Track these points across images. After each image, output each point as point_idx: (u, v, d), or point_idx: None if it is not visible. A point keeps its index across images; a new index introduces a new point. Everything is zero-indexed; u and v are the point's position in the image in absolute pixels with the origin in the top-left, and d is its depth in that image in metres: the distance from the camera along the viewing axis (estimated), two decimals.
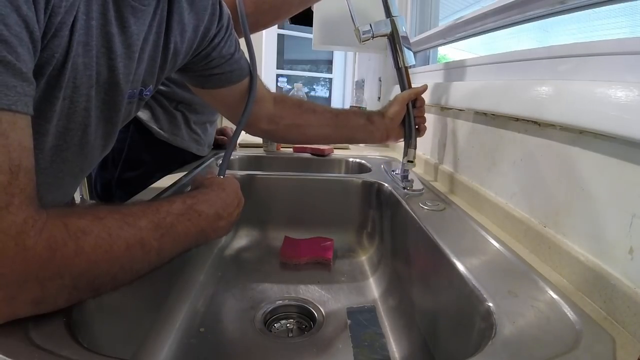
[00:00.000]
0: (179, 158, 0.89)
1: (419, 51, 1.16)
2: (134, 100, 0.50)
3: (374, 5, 0.79)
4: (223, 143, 1.09)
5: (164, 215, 0.36)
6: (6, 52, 0.26)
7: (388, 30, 0.71)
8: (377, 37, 0.72)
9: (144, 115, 0.83)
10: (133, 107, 0.51)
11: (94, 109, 0.43)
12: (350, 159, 1.05)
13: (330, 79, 2.82)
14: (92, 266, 0.29)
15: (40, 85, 0.34)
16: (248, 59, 0.63)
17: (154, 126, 0.84)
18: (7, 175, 0.26)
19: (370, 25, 0.71)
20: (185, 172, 0.80)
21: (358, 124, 0.73)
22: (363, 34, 0.71)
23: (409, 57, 0.72)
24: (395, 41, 0.72)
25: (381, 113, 0.74)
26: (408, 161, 0.74)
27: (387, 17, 0.72)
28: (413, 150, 0.73)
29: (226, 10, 0.57)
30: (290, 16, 0.84)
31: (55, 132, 0.40)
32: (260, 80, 0.66)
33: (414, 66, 0.89)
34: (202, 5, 0.51)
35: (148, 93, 0.52)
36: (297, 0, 0.77)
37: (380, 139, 0.75)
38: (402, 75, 0.73)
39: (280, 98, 0.72)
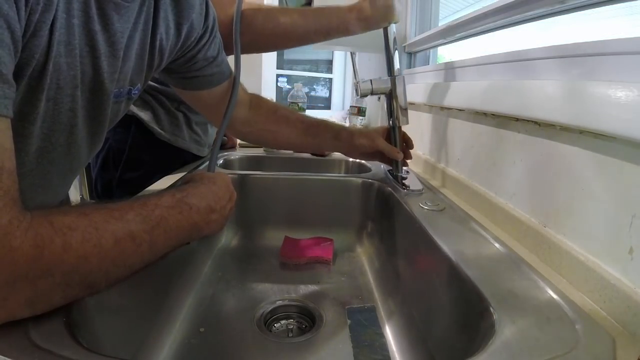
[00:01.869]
0: (180, 159, 0.89)
1: (419, 51, 1.16)
2: (122, 100, 0.49)
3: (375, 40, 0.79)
4: (223, 143, 1.09)
5: (152, 208, 0.36)
6: None
7: (388, 88, 0.73)
8: (376, 93, 0.74)
9: (145, 115, 0.83)
10: (121, 106, 0.51)
11: (80, 109, 0.42)
12: (350, 159, 1.05)
13: (330, 79, 2.82)
14: (82, 261, 0.29)
15: (21, 87, 0.33)
16: (234, 63, 0.62)
17: (155, 127, 0.84)
18: None
19: (371, 81, 0.73)
20: (185, 173, 0.80)
21: (325, 138, 0.76)
22: (362, 89, 0.73)
23: (404, 119, 0.73)
24: (393, 100, 0.73)
25: (352, 135, 0.76)
26: (397, 174, 0.76)
27: (388, 75, 0.73)
28: (402, 167, 0.76)
29: (212, 11, 0.56)
30: (285, 49, 0.85)
31: (40, 133, 0.39)
32: (240, 83, 0.67)
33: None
34: (188, 3, 0.50)
35: (136, 92, 0.51)
36: (296, 37, 0.76)
37: (346, 154, 0.79)
38: (396, 134, 0.74)
39: (256, 102, 0.73)
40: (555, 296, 0.36)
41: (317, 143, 0.78)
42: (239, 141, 1.15)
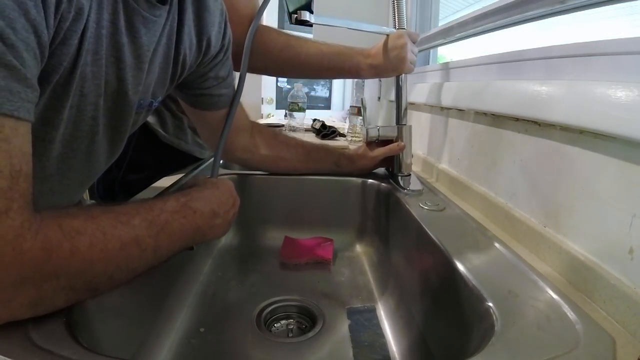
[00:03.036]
0: (183, 161, 0.90)
1: (419, 51, 1.16)
2: (142, 111, 0.50)
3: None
4: None
5: (157, 213, 0.36)
6: (12, 57, 0.25)
7: (394, 135, 0.75)
8: (382, 140, 0.76)
9: (150, 118, 0.83)
10: (140, 117, 0.51)
11: (101, 118, 0.42)
12: None
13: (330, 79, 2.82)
14: (88, 266, 0.29)
15: (47, 92, 0.34)
16: (236, 83, 0.62)
17: (159, 130, 0.84)
18: (8, 181, 0.25)
19: (378, 128, 0.74)
20: (184, 174, 0.80)
21: (326, 165, 0.78)
22: (370, 135, 0.74)
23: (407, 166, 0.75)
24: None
25: (352, 160, 0.78)
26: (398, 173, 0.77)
27: (396, 123, 0.75)
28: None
29: (229, 32, 0.57)
30: (295, 78, 0.85)
31: (62, 139, 0.40)
32: (243, 109, 0.67)
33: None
34: (210, 20, 0.51)
35: (156, 104, 0.52)
36: (310, 70, 0.76)
37: (346, 175, 0.81)
38: (397, 179, 0.75)
39: (258, 129, 0.73)
40: (555, 296, 0.36)
41: (318, 168, 0.79)
42: None
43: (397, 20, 0.73)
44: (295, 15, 0.65)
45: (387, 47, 0.73)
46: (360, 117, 1.35)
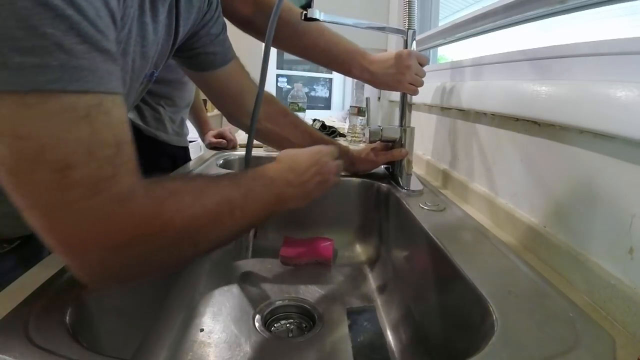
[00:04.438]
0: (166, 152, 0.93)
1: (420, 51, 1.16)
2: (144, 82, 0.51)
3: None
4: (221, 146, 1.11)
5: (240, 178, 0.40)
6: (105, 43, 0.28)
7: (397, 136, 0.75)
8: (385, 140, 0.76)
9: (130, 114, 0.85)
10: (142, 88, 0.53)
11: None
12: None
13: (330, 79, 2.83)
14: (192, 220, 0.32)
15: None
16: (262, 55, 0.62)
17: (140, 123, 0.88)
18: (113, 149, 0.28)
19: (381, 128, 0.74)
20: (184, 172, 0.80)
21: None
22: (372, 135, 0.74)
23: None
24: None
25: (352, 162, 0.79)
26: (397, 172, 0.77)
27: (400, 125, 0.75)
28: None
29: None
30: (284, 51, 0.82)
31: None
32: (248, 76, 0.67)
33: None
34: None
35: (157, 74, 0.53)
36: (301, 45, 0.74)
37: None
38: (397, 179, 0.75)
39: (269, 100, 0.71)
40: (555, 296, 0.36)
41: None
42: (239, 141, 1.15)
43: (407, 20, 0.72)
44: (305, 12, 0.64)
45: (393, 62, 0.71)
46: (361, 117, 1.36)
